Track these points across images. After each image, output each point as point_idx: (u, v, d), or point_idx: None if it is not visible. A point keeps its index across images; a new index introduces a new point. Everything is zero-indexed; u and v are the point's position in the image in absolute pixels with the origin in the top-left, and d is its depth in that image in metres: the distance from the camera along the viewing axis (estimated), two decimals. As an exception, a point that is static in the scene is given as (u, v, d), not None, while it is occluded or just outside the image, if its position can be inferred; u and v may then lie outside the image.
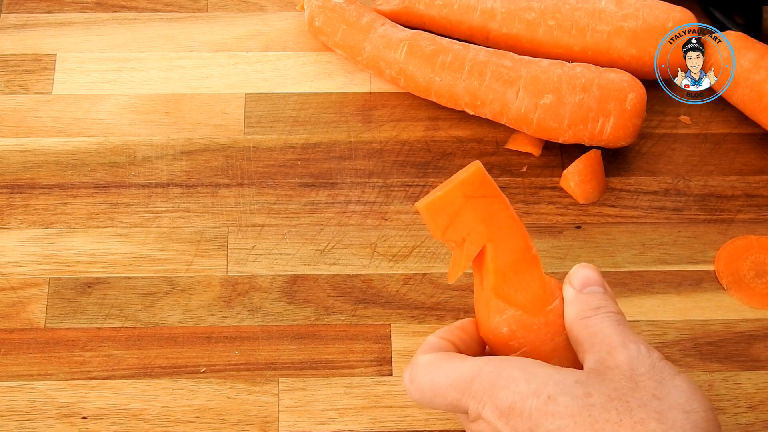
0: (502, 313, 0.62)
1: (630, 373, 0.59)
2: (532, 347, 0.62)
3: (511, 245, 0.62)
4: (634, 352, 0.60)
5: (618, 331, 0.61)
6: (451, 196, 0.62)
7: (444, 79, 0.82)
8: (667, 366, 0.60)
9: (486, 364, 0.60)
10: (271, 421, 0.71)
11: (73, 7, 0.90)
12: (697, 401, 0.58)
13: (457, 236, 0.62)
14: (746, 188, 0.82)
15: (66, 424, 0.71)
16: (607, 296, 0.63)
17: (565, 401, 0.57)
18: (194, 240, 0.78)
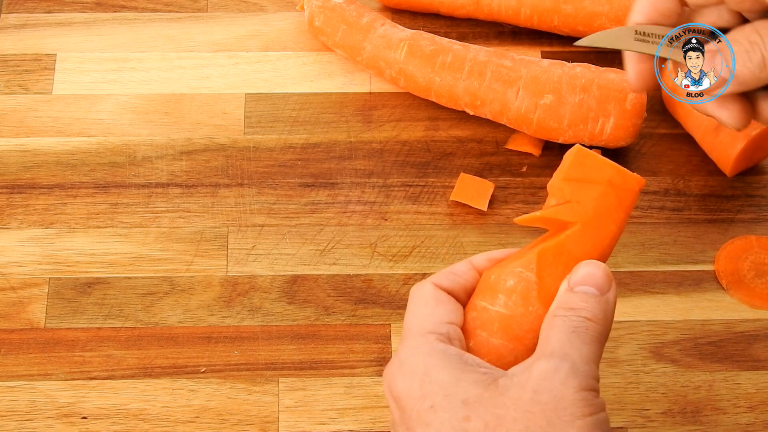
0: (526, 268, 0.60)
1: (529, 396, 0.54)
2: (509, 318, 0.59)
3: (592, 247, 0.60)
4: (550, 370, 0.55)
5: (563, 338, 0.56)
6: (603, 167, 0.60)
7: (444, 79, 0.82)
8: (576, 403, 0.54)
9: (418, 336, 0.58)
10: (271, 421, 0.71)
11: (73, 7, 0.90)
12: None
13: (568, 194, 0.60)
14: (746, 188, 0.82)
15: (66, 424, 0.71)
16: (595, 300, 0.58)
17: (443, 417, 0.55)
18: (194, 240, 0.78)
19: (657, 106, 0.85)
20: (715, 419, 0.72)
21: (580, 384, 0.54)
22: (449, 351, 0.57)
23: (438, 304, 0.60)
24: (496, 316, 0.59)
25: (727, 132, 0.79)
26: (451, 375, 0.56)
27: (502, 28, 0.89)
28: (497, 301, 0.60)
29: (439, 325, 0.59)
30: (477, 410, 0.55)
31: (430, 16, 0.90)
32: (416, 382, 0.57)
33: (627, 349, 0.75)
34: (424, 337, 0.58)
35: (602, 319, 0.57)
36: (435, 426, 0.55)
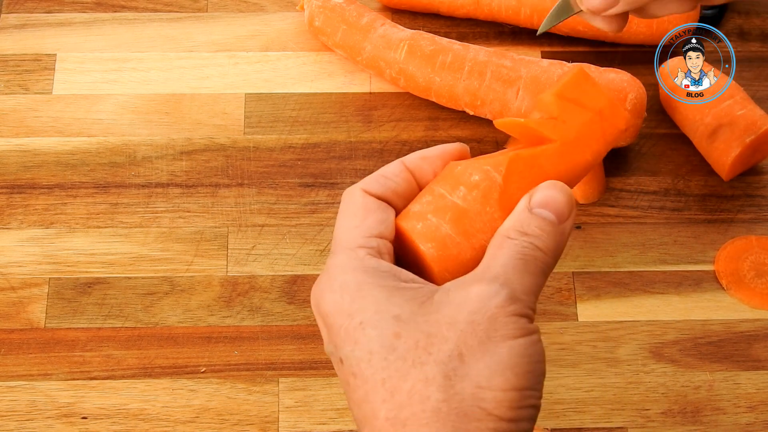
0: (494, 168, 0.57)
1: (464, 317, 0.52)
2: (464, 211, 0.57)
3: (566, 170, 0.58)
4: (486, 293, 0.53)
5: (508, 264, 0.54)
6: (598, 96, 0.59)
7: (444, 79, 0.82)
8: (508, 325, 0.52)
9: (344, 251, 0.56)
10: (271, 421, 0.71)
11: (73, 7, 0.90)
12: (503, 378, 0.51)
13: (555, 111, 0.58)
14: (746, 188, 0.82)
15: (66, 424, 0.71)
16: (551, 228, 0.55)
17: (373, 334, 0.53)
18: (194, 240, 0.78)
19: (657, 107, 0.85)
20: (715, 419, 0.72)
21: (515, 310, 0.53)
22: (381, 266, 0.55)
23: (367, 214, 0.57)
24: (451, 206, 0.57)
25: (723, 138, 0.79)
26: (383, 291, 0.54)
27: (502, 28, 0.89)
28: (457, 192, 0.58)
29: (369, 238, 0.56)
30: (409, 327, 0.53)
31: (430, 16, 0.90)
32: (347, 299, 0.54)
33: (627, 349, 0.75)
34: (354, 252, 0.56)
35: (553, 250, 0.55)
36: (363, 343, 0.53)
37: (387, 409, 0.52)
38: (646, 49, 0.86)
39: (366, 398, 0.53)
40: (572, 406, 0.73)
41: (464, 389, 0.51)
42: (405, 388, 0.52)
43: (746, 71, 0.87)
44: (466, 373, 0.52)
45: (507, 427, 0.51)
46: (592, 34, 0.87)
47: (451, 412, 0.51)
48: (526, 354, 0.52)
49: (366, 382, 0.53)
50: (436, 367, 0.52)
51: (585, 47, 0.88)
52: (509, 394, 0.51)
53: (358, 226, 0.57)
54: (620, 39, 0.87)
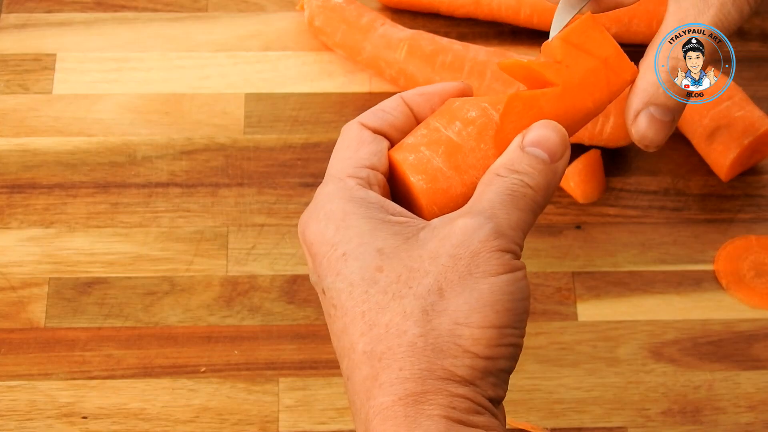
0: (492, 106, 0.57)
1: (447, 251, 0.51)
2: (457, 146, 0.56)
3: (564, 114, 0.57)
4: (470, 227, 0.52)
5: (495, 199, 0.53)
6: (605, 44, 0.58)
7: (444, 79, 0.82)
8: (491, 261, 0.51)
9: (336, 181, 0.55)
10: (271, 421, 0.71)
11: (73, 7, 0.90)
12: (481, 315, 0.51)
13: (560, 56, 0.57)
14: (746, 188, 0.82)
15: (66, 424, 0.71)
16: (543, 166, 0.55)
17: (354, 266, 0.52)
18: (194, 240, 0.78)
19: (657, 106, 0.85)
20: (715, 419, 0.72)
21: (499, 245, 0.52)
22: (370, 197, 0.54)
23: (361, 145, 0.56)
24: (445, 140, 0.56)
25: (721, 140, 0.79)
26: (369, 223, 0.53)
27: (502, 28, 0.89)
28: (452, 127, 0.57)
29: (359, 169, 0.55)
30: (391, 261, 0.52)
31: (430, 16, 0.90)
32: (331, 228, 0.54)
33: (627, 349, 0.75)
34: (343, 182, 0.55)
35: (544, 188, 0.54)
36: (344, 275, 0.52)
37: (364, 342, 0.51)
38: (646, 49, 0.86)
39: (345, 330, 0.52)
40: (572, 405, 0.73)
41: (441, 324, 0.51)
42: (383, 322, 0.51)
43: (746, 71, 0.87)
44: (444, 309, 0.51)
45: (483, 364, 0.51)
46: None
47: (426, 347, 0.50)
48: (508, 291, 0.51)
49: (346, 314, 0.52)
50: (415, 301, 0.51)
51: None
52: (487, 331, 0.51)
53: (350, 157, 0.56)
54: (620, 39, 0.87)
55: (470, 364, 0.51)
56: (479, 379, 0.51)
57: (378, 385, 0.50)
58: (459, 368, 0.50)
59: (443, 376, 0.50)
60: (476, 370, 0.51)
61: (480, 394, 0.51)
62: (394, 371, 0.50)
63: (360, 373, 0.51)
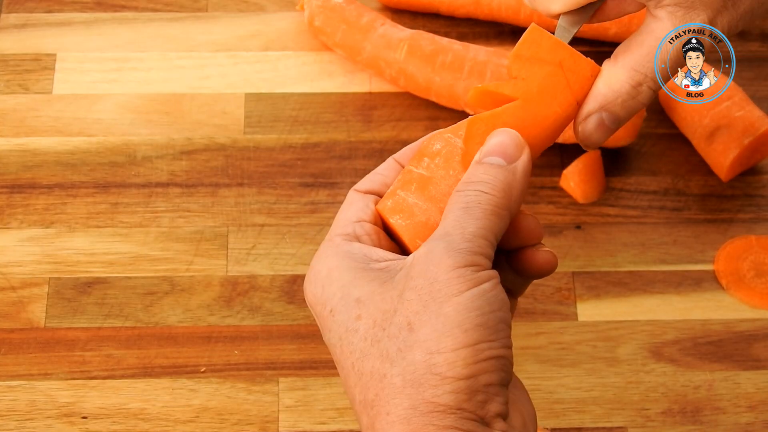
0: (455, 134, 0.57)
1: (409, 286, 0.51)
2: (428, 179, 0.57)
3: (529, 125, 0.57)
4: (423, 254, 0.52)
5: (453, 217, 0.53)
6: (555, 48, 0.58)
7: (444, 79, 0.82)
8: (450, 282, 0.51)
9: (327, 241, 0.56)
10: (271, 421, 0.71)
11: (73, 7, 0.90)
12: (450, 338, 0.50)
13: (515, 72, 0.58)
14: (746, 188, 0.82)
15: (66, 424, 0.71)
16: (498, 171, 0.55)
17: (339, 320, 0.53)
18: (194, 240, 0.78)
19: (656, 107, 0.85)
20: (715, 419, 0.72)
21: (454, 262, 0.51)
22: (353, 249, 0.55)
23: (349, 206, 0.57)
24: (417, 177, 0.57)
25: (721, 140, 0.79)
26: (350, 273, 0.53)
27: (502, 28, 0.89)
28: (422, 164, 0.58)
29: (346, 225, 0.56)
30: (368, 307, 0.52)
31: (430, 16, 0.90)
32: (319, 288, 0.54)
33: (627, 349, 0.75)
34: (330, 241, 0.56)
35: (502, 190, 0.54)
36: (334, 330, 0.53)
37: (358, 392, 0.52)
38: (646, 49, 0.86)
39: (346, 383, 0.53)
40: (572, 405, 0.73)
41: (415, 358, 0.50)
42: (367, 369, 0.51)
43: (746, 71, 0.87)
44: (415, 341, 0.50)
45: (465, 384, 0.50)
46: (592, 34, 0.87)
47: (406, 385, 0.50)
48: (474, 307, 0.51)
49: (342, 367, 0.53)
50: (390, 341, 0.51)
51: (585, 47, 0.88)
52: (461, 352, 0.50)
53: (339, 219, 0.57)
54: (620, 39, 0.87)
55: (451, 389, 0.50)
56: (465, 402, 0.50)
57: None
58: (441, 397, 0.50)
59: (427, 410, 0.50)
60: (459, 394, 0.50)
61: (468, 418, 0.50)
62: (383, 417, 0.50)
63: (363, 424, 0.52)
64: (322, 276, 0.54)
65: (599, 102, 0.58)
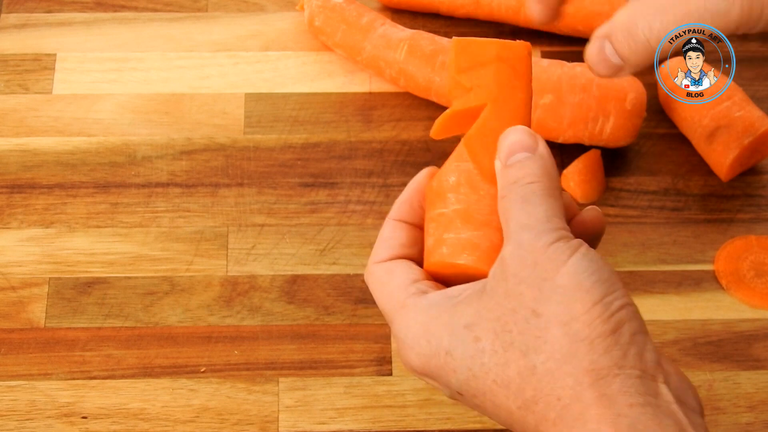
0: (460, 160, 0.59)
1: (512, 282, 0.53)
2: (466, 209, 0.58)
3: (511, 118, 0.59)
4: (516, 247, 0.53)
5: (517, 213, 0.54)
6: (487, 46, 0.60)
7: (444, 79, 0.82)
8: (553, 255, 0.52)
9: (400, 310, 0.57)
10: (271, 421, 0.71)
11: (73, 7, 0.90)
12: (578, 301, 0.51)
13: (467, 84, 0.60)
14: (746, 188, 0.82)
15: (66, 424, 0.71)
16: (530, 161, 0.56)
17: (460, 354, 0.54)
18: (194, 240, 0.78)
19: (656, 107, 0.85)
20: (715, 419, 0.72)
21: (546, 241, 0.53)
22: (431, 299, 0.56)
23: (392, 275, 0.58)
24: (454, 215, 0.58)
25: (721, 140, 0.79)
26: (445, 315, 0.55)
27: (502, 28, 0.89)
28: (449, 202, 0.59)
29: (406, 289, 0.57)
30: (480, 326, 0.53)
31: (430, 16, 0.90)
32: (423, 345, 0.55)
33: (627, 349, 0.75)
34: (403, 309, 0.57)
35: (543, 174, 0.55)
36: (460, 369, 0.54)
37: (513, 401, 0.52)
38: (646, 49, 0.86)
39: (496, 406, 0.53)
40: (572, 405, 0.73)
41: (556, 337, 0.51)
42: (513, 375, 0.52)
43: (746, 71, 0.87)
44: (547, 322, 0.51)
45: (613, 340, 0.51)
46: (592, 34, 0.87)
47: (560, 365, 0.51)
48: (583, 268, 0.52)
49: (485, 394, 0.53)
50: (522, 337, 0.52)
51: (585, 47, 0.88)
52: (593, 311, 0.51)
53: (393, 289, 0.58)
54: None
55: (603, 349, 0.51)
56: (622, 358, 0.51)
57: (557, 424, 0.51)
58: (598, 361, 0.51)
59: (591, 381, 0.51)
60: (612, 351, 0.51)
61: (634, 376, 0.51)
62: (554, 404, 0.51)
63: (530, 426, 0.52)
64: (419, 334, 0.55)
65: (604, 29, 0.61)
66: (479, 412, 0.55)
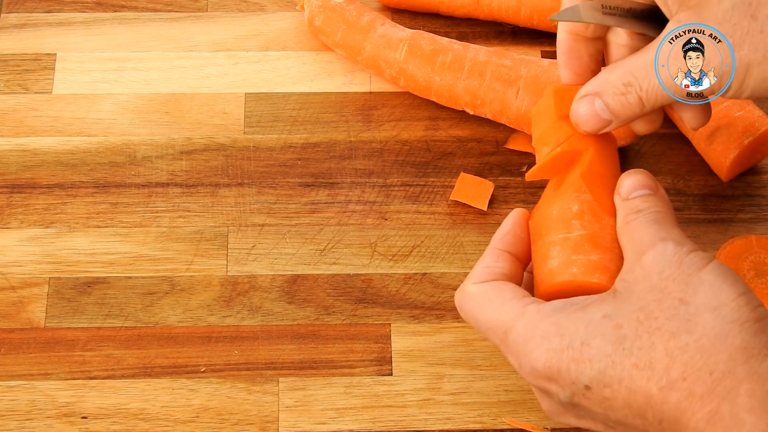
0: (580, 192, 0.62)
1: (657, 279, 0.57)
2: (592, 234, 0.61)
3: (611, 159, 0.64)
4: (660, 253, 0.58)
5: (651, 230, 0.59)
6: (550, 103, 0.64)
7: (444, 78, 0.82)
8: (696, 258, 0.57)
9: (520, 317, 0.59)
10: (271, 421, 0.71)
11: (73, 7, 0.90)
12: (724, 291, 0.55)
13: (568, 130, 0.63)
14: (746, 188, 0.82)
15: (66, 424, 0.71)
16: (655, 197, 0.61)
17: (598, 343, 0.56)
18: (194, 240, 0.78)
19: (657, 106, 0.85)
20: (715, 419, 0.72)
21: (687, 249, 0.57)
22: (557, 304, 0.59)
23: (501, 291, 0.61)
24: (581, 239, 0.61)
25: (721, 140, 0.79)
26: (576, 312, 0.58)
27: (502, 27, 0.89)
28: (574, 227, 0.62)
29: (522, 298, 0.60)
30: (620, 314, 0.56)
31: (430, 15, 0.90)
32: (555, 340, 0.57)
33: (627, 349, 0.75)
34: (525, 314, 0.59)
35: (668, 210, 0.60)
36: (597, 355, 0.56)
37: (655, 383, 0.55)
38: (646, 49, 0.86)
39: (632, 392, 0.55)
40: (572, 405, 0.73)
41: (706, 319, 0.55)
42: (659, 355, 0.55)
43: (746, 71, 0.87)
44: (697, 307, 0.55)
45: (760, 325, 0.55)
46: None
47: (714, 343, 0.54)
48: (724, 269, 0.56)
49: (622, 381, 0.56)
50: (670, 322, 0.55)
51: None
52: (740, 299, 0.55)
53: (502, 303, 0.60)
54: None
55: (753, 331, 0.55)
56: None
57: (704, 398, 0.54)
58: (750, 340, 0.54)
59: (744, 357, 0.54)
60: (760, 335, 0.54)
61: None
62: (705, 377, 0.54)
63: (671, 403, 0.55)
64: (550, 331, 0.58)
65: (593, 86, 0.63)
66: (602, 409, 0.57)
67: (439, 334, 0.75)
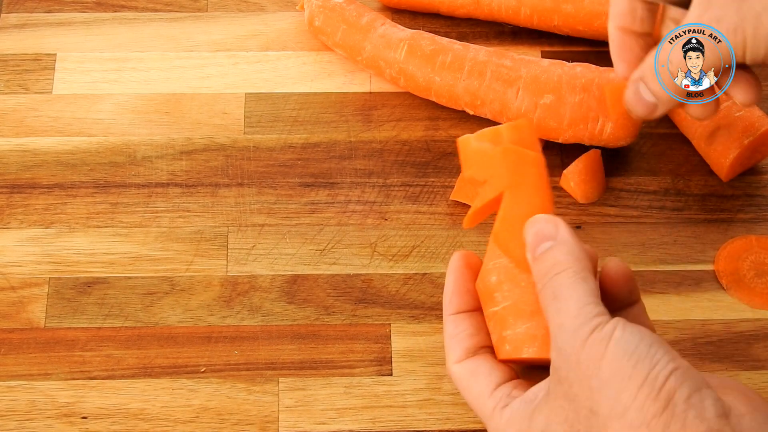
0: (495, 258, 0.62)
1: (567, 385, 0.56)
2: (514, 304, 0.61)
3: (528, 200, 0.62)
4: (558, 353, 0.57)
5: (552, 315, 0.57)
6: (486, 136, 0.63)
7: (444, 78, 0.82)
8: (591, 354, 0.55)
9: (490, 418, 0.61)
10: (271, 421, 0.71)
11: (73, 7, 0.90)
12: (624, 391, 0.54)
13: (481, 177, 0.62)
14: (746, 188, 0.82)
15: (66, 424, 0.71)
16: (555, 250, 0.59)
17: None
18: (194, 240, 0.78)
19: (657, 106, 0.85)
20: (715, 419, 0.72)
21: (581, 339, 0.55)
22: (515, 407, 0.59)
23: (476, 379, 0.62)
24: (504, 312, 0.61)
25: (721, 140, 0.79)
26: (525, 422, 0.58)
27: (502, 28, 0.89)
28: (497, 300, 0.61)
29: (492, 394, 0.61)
30: (554, 421, 0.57)
31: (430, 16, 0.90)
32: None
33: (627, 349, 0.75)
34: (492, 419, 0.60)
35: (572, 258, 0.58)
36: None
37: None
38: (646, 49, 0.86)
39: None
40: (572, 405, 0.73)
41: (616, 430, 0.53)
42: None
43: (746, 71, 0.87)
44: (605, 418, 0.54)
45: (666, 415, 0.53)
46: (592, 34, 0.87)
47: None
48: (619, 355, 0.54)
49: None
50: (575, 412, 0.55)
51: (585, 47, 0.88)
52: (641, 394, 0.53)
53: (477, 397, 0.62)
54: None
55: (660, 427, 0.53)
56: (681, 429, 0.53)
57: None
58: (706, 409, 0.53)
59: None
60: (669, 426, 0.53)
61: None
62: None
63: None
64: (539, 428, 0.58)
65: (638, 72, 0.64)
66: None
67: (439, 334, 0.75)
